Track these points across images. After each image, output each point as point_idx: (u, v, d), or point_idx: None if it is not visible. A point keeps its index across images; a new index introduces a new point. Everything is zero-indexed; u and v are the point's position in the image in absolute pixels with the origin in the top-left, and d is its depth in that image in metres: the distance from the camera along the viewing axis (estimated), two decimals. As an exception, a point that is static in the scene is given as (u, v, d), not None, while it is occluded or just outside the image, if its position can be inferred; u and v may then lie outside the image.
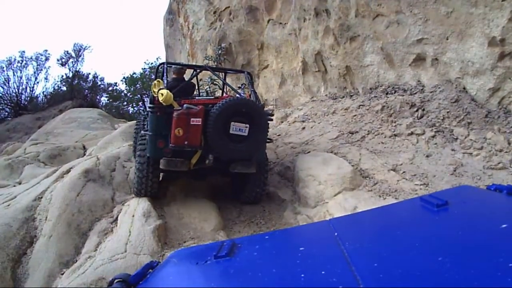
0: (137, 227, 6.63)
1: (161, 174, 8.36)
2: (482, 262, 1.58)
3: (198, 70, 9.75)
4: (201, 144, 7.25)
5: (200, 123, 7.10)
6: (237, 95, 8.64)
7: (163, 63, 8.98)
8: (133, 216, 7.05)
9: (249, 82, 9.07)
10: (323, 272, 1.78)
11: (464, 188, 3.22)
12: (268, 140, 8.15)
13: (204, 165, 7.53)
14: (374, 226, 2.52)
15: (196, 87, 10.65)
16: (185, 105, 7.15)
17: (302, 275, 1.80)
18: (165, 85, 7.79)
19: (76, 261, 6.54)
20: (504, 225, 1.88)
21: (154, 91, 7.48)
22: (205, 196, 8.43)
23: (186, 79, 9.39)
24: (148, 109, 7.79)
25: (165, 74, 8.43)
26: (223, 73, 10.80)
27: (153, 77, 9.47)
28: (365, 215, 3.00)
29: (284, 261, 2.10)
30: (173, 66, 9.36)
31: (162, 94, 7.13)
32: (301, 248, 2.16)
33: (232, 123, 7.21)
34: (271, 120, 8.61)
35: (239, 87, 10.07)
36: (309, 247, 2.23)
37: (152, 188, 7.78)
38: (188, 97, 8.25)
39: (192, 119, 7.06)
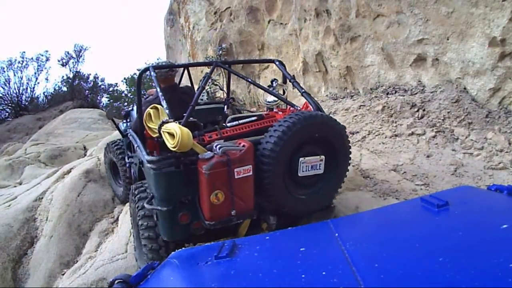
0: None
1: None
2: (483, 262, 1.62)
3: (209, 68, 5.69)
4: (255, 206, 4.41)
5: (251, 172, 4.16)
6: (294, 107, 5.57)
7: (147, 69, 5.28)
8: (133, 216, 6.98)
9: (291, 78, 5.80)
10: (324, 273, 1.81)
11: (465, 189, 3.22)
12: None
13: (259, 231, 4.76)
14: (374, 226, 2.56)
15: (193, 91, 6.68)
16: (217, 146, 4.09)
17: (303, 276, 1.82)
18: (166, 109, 4.50)
19: (77, 261, 6.60)
20: (504, 226, 1.93)
21: (151, 129, 4.61)
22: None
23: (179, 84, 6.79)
24: (146, 164, 4.48)
25: (158, 87, 4.88)
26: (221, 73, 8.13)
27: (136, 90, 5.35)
28: (366, 215, 3.07)
29: (284, 261, 2.12)
30: (158, 71, 5.56)
31: (172, 135, 4.03)
32: (301, 249, 2.17)
33: (301, 159, 4.38)
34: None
35: (270, 85, 6.15)
36: (310, 247, 2.23)
37: None
38: (185, 111, 4.67)
39: (236, 169, 4.05)
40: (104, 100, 41.96)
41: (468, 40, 8.36)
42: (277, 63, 6.01)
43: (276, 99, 5.84)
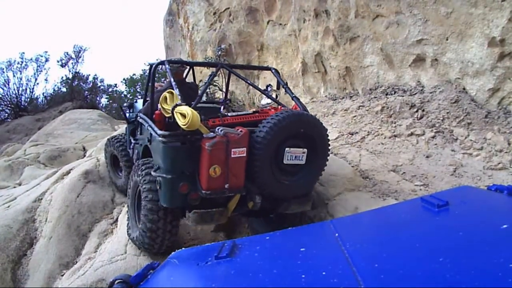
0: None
1: None
2: (483, 262, 1.62)
3: (213, 70, 6.54)
4: (244, 184, 5.19)
5: (244, 154, 4.97)
6: (284, 107, 6.30)
7: (162, 62, 6.45)
8: (133, 217, 6.97)
9: (283, 85, 6.87)
10: (324, 273, 1.82)
11: (465, 189, 3.25)
12: None
13: (245, 209, 5.62)
14: (375, 226, 2.60)
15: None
16: (219, 129, 4.90)
17: (303, 276, 1.83)
18: (179, 95, 5.28)
19: (76, 262, 6.59)
20: (504, 226, 1.93)
21: (165, 109, 5.29)
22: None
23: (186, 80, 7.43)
24: (158, 138, 5.26)
25: (172, 78, 5.78)
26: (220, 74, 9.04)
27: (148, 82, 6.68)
28: (366, 215, 3.11)
29: (285, 261, 2.15)
30: (171, 65, 6.40)
31: (183, 115, 4.82)
32: (302, 249, 2.19)
33: (287, 149, 5.20)
34: None
35: (265, 89, 6.78)
36: (310, 247, 2.25)
37: (169, 242, 5.64)
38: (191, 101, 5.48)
39: (233, 149, 4.88)
40: (104, 100, 42.09)
41: (468, 40, 8.37)
42: (273, 70, 7.24)
43: (269, 101, 6.59)
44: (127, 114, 8.18)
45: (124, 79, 43.87)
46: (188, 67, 8.03)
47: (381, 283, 1.60)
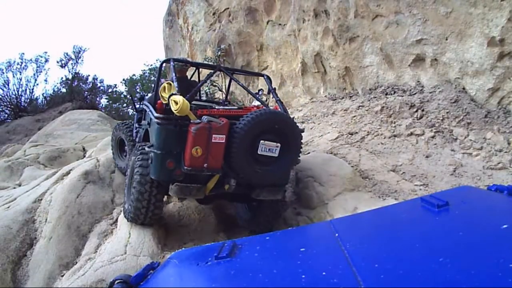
0: (137, 229, 6.60)
1: None
2: (483, 262, 1.60)
3: (212, 71, 7.82)
4: (222, 166, 6.02)
5: (223, 141, 5.81)
6: (265, 107, 7.28)
7: (168, 60, 7.70)
8: (132, 217, 6.98)
9: (272, 89, 7.78)
10: (324, 273, 1.83)
11: (465, 189, 3.32)
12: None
13: (222, 190, 6.37)
14: (374, 226, 2.57)
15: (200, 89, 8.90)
16: (204, 117, 5.80)
17: (303, 276, 1.82)
18: (177, 88, 6.22)
19: (76, 262, 6.58)
20: (504, 226, 1.90)
21: (163, 97, 6.14)
22: (213, 217, 8.20)
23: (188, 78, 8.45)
24: (154, 119, 6.27)
25: (173, 74, 6.84)
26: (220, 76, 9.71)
27: (154, 78, 8.15)
28: (366, 216, 3.05)
29: (285, 262, 2.15)
30: (176, 63, 7.54)
31: (176, 102, 5.72)
32: (302, 249, 2.19)
33: (261, 141, 5.99)
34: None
35: (257, 93, 7.99)
36: (310, 248, 2.28)
37: (154, 214, 6.49)
38: (191, 102, 6.57)
39: (214, 135, 5.74)
40: (103, 101, 42.09)
41: (467, 40, 8.38)
42: (265, 77, 8.24)
43: (258, 103, 7.76)
44: (137, 105, 8.94)
45: (123, 79, 44.03)
46: (192, 67, 8.97)
47: (381, 283, 1.60)
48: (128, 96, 39.72)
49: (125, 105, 42.17)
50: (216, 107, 7.14)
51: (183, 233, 7.06)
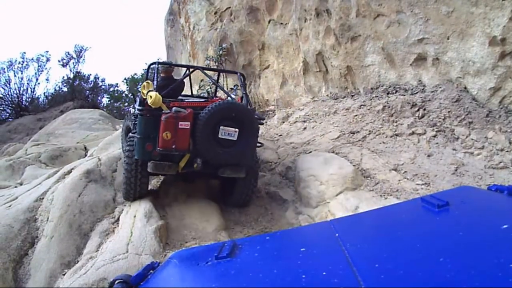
0: (139, 228, 6.62)
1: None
2: (483, 262, 1.59)
3: (190, 70, 9.36)
4: (189, 148, 7.15)
5: (188, 127, 7.00)
6: (228, 98, 8.55)
7: (154, 63, 8.98)
8: (134, 216, 7.04)
9: (242, 84, 8.83)
10: (324, 273, 1.81)
11: (465, 189, 3.27)
12: (258, 145, 8.02)
13: (192, 169, 7.39)
14: (375, 226, 2.55)
15: (187, 87, 10.40)
16: (173, 108, 7.05)
17: (303, 276, 1.82)
18: (155, 86, 7.73)
19: (78, 261, 6.56)
20: (505, 226, 1.89)
21: (143, 93, 7.39)
22: (207, 197, 8.38)
23: (176, 78, 9.41)
24: (136, 111, 7.67)
25: (155, 74, 8.34)
26: (216, 74, 10.69)
27: (145, 78, 8.86)
28: (366, 215, 3.06)
29: (285, 261, 2.15)
30: (161, 65, 9.17)
31: (150, 97, 6.97)
32: (302, 249, 2.19)
33: (221, 127, 7.13)
34: (262, 124, 8.60)
35: (231, 89, 9.86)
36: (310, 247, 2.25)
37: (141, 190, 7.73)
38: (176, 97, 8.40)
39: (180, 122, 6.95)
40: (105, 100, 42.09)
41: (469, 39, 8.37)
42: (238, 74, 9.17)
43: (236, 94, 9.29)
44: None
45: (125, 78, 44.11)
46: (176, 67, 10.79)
47: (381, 283, 1.59)
48: (129, 95, 39.83)
49: (126, 104, 42.21)
50: (186, 100, 8.45)
51: (185, 232, 7.05)
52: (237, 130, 7.21)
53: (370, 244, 2.16)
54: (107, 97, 42.48)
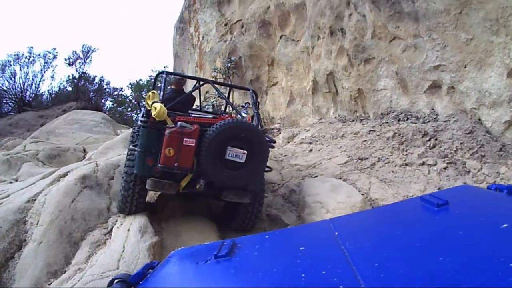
0: (132, 243, 6.40)
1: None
2: (483, 261, 1.64)
3: (200, 83, 8.79)
4: (192, 167, 6.68)
5: (193, 144, 6.52)
6: (238, 117, 7.81)
7: (162, 72, 8.43)
8: (128, 230, 6.80)
9: (253, 102, 8.41)
10: (323, 272, 1.83)
11: (465, 188, 3.47)
12: (267, 169, 7.54)
13: (194, 189, 6.93)
14: (374, 225, 2.62)
15: (197, 101, 9.92)
16: (179, 123, 6.55)
17: (303, 275, 1.86)
18: (161, 97, 7.27)
19: (65, 271, 6.37)
20: (504, 225, 1.94)
21: (147, 103, 6.90)
22: (205, 215, 8.15)
23: (186, 91, 9.07)
24: (139, 122, 7.20)
25: (163, 85, 7.89)
26: (227, 89, 10.10)
27: (159, 85, 8.41)
28: (366, 214, 3.28)
29: (284, 261, 2.18)
30: (173, 76, 8.76)
31: (155, 108, 6.53)
32: (301, 248, 2.23)
33: (229, 147, 6.66)
34: (273, 147, 7.89)
35: (243, 106, 9.05)
36: (310, 246, 2.29)
37: (137, 207, 7.34)
38: (186, 111, 8.08)
39: (185, 139, 6.47)
40: (108, 103, 42.23)
41: (486, 69, 8.17)
42: (250, 91, 8.77)
43: (247, 112, 8.50)
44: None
45: (130, 83, 44.26)
46: (190, 80, 10.00)
47: (381, 282, 1.62)
48: (133, 101, 39.92)
49: (129, 109, 42.31)
50: (193, 115, 8.11)
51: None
52: (245, 152, 6.75)
53: (370, 243, 2.20)
54: (111, 101, 42.79)
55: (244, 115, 8.13)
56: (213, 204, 8.72)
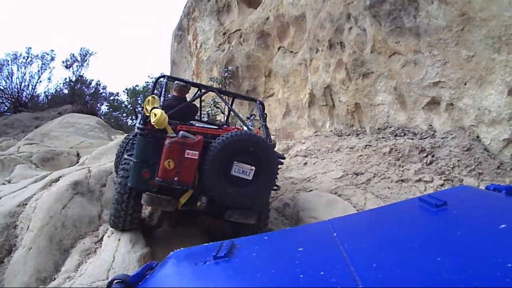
0: (122, 253, 6.32)
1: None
2: (481, 262, 1.63)
3: (203, 91, 8.32)
4: (194, 182, 6.05)
5: (196, 157, 5.89)
6: (245, 129, 7.20)
7: (163, 76, 7.86)
8: (119, 239, 6.71)
9: (261, 114, 7.93)
10: (322, 273, 1.84)
11: (463, 188, 3.63)
12: (274, 187, 6.96)
13: (195, 207, 6.34)
14: (373, 226, 2.65)
15: (199, 111, 9.38)
16: (180, 133, 5.95)
17: (301, 276, 1.87)
18: (162, 103, 6.69)
19: (55, 279, 6.34)
20: (503, 225, 1.95)
21: (146, 109, 6.31)
22: (198, 227, 8.02)
23: (188, 99, 8.40)
24: (136, 129, 6.60)
25: (163, 89, 7.38)
26: (230, 98, 9.15)
27: (157, 92, 7.85)
28: (364, 215, 3.33)
29: (283, 261, 2.20)
30: (176, 82, 8.13)
31: (155, 115, 5.94)
32: (300, 249, 2.24)
33: (235, 163, 6.01)
34: (282, 164, 7.35)
35: (248, 118, 8.41)
36: (308, 247, 2.33)
37: (132, 223, 6.76)
38: (187, 121, 7.23)
39: (187, 151, 5.84)
40: (104, 108, 42.27)
41: (487, 87, 8.13)
42: (257, 102, 8.33)
43: (253, 125, 8.06)
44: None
45: (126, 89, 44.40)
46: (194, 88, 9.23)
47: (379, 283, 1.63)
48: (129, 106, 39.98)
49: (125, 114, 42.34)
50: (196, 125, 7.15)
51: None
52: (253, 168, 6.12)
53: (368, 243, 2.21)
54: (107, 105, 42.76)
55: (250, 127, 7.68)
56: (210, 221, 8.05)
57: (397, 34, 9.73)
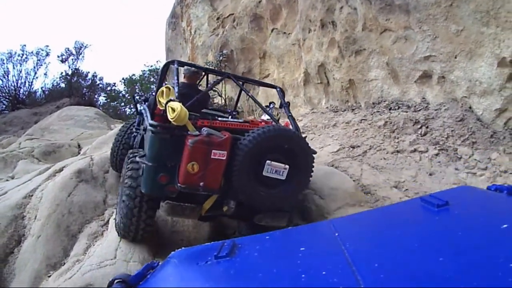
0: None
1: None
2: (483, 262, 1.63)
3: (219, 78, 7.30)
4: (220, 186, 5.30)
5: (224, 157, 5.10)
6: (274, 122, 6.49)
7: (173, 61, 6.65)
8: (125, 221, 6.78)
9: (284, 104, 7.01)
10: (324, 272, 1.83)
11: (465, 189, 3.59)
12: None
13: (220, 212, 5.66)
14: (375, 226, 2.60)
15: (210, 99, 8.55)
16: (204, 129, 5.12)
17: (303, 276, 1.84)
18: (177, 94, 5.63)
19: (64, 263, 6.43)
20: (504, 225, 1.94)
21: (160, 102, 5.52)
22: (210, 225, 7.85)
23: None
24: (148, 126, 5.57)
25: (176, 78, 6.14)
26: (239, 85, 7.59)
27: (153, 79, 7.26)
28: (366, 215, 3.17)
29: (285, 261, 2.17)
30: (185, 67, 7.12)
31: (173, 109, 5.08)
32: (301, 248, 2.22)
33: (268, 162, 5.25)
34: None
35: (267, 106, 7.37)
36: (310, 247, 2.29)
37: (145, 231, 5.91)
38: (199, 112, 6.38)
39: (214, 151, 5.03)
40: (102, 99, 42.13)
41: (477, 59, 8.23)
42: (278, 89, 7.53)
43: (268, 117, 7.03)
44: (139, 107, 8.44)
45: (123, 78, 44.17)
46: (204, 74, 8.31)
47: (381, 283, 1.62)
48: (127, 96, 39.87)
49: (123, 104, 42.26)
50: (219, 119, 6.15)
51: (176, 240, 6.87)
52: (287, 166, 5.37)
53: (370, 243, 2.20)
54: (104, 96, 42.58)
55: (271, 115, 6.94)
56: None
57: (387, 11, 9.82)
